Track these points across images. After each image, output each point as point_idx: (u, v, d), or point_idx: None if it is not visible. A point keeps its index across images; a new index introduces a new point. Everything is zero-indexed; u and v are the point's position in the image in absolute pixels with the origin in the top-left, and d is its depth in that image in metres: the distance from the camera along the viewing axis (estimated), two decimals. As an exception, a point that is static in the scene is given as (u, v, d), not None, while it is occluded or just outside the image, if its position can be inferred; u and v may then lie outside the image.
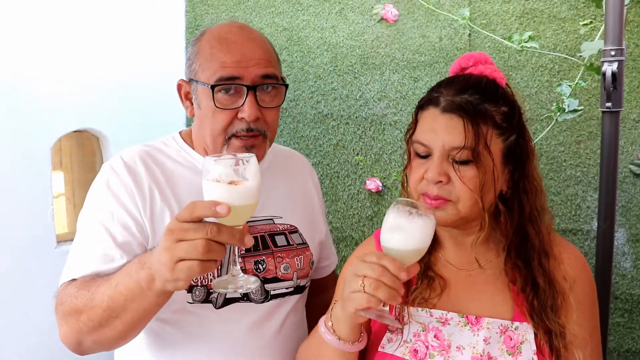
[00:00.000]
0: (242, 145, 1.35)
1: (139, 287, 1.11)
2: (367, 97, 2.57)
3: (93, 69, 2.38)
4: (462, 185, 1.14)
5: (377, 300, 1.02)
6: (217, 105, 1.33)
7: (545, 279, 1.19)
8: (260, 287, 1.41)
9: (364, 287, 1.02)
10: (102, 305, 1.16)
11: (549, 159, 2.43)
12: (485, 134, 1.14)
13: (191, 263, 0.98)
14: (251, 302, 1.40)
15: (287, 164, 1.63)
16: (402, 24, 2.53)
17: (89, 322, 1.19)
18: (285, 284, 1.47)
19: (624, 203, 2.36)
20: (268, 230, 1.47)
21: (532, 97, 2.42)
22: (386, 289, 1.01)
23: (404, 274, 1.02)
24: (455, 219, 1.17)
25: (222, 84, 1.32)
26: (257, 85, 1.34)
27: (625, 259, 2.37)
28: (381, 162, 2.57)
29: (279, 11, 2.62)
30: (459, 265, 1.26)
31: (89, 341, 1.23)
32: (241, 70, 1.32)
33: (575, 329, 1.17)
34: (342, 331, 1.13)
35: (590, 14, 2.36)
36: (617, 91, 1.74)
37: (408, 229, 1.05)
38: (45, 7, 2.21)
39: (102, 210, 1.34)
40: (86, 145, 2.55)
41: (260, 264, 1.42)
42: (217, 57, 1.34)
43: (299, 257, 1.50)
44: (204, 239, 0.97)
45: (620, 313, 2.40)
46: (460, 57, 1.28)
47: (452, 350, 1.15)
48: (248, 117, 1.32)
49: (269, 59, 1.38)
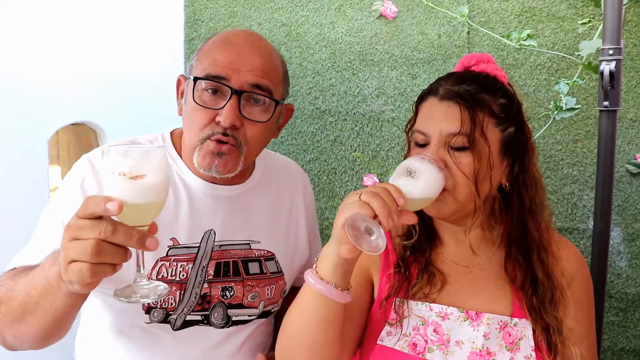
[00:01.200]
0: (213, 149, 1.26)
1: (49, 284, 1.00)
2: (365, 93, 2.57)
3: (91, 62, 2.37)
4: (457, 172, 1.14)
5: (369, 209, 0.97)
6: (196, 102, 1.26)
7: (544, 273, 1.19)
8: (222, 312, 1.35)
9: (360, 197, 0.99)
10: (18, 298, 1.08)
11: (545, 158, 2.43)
12: (482, 121, 1.16)
13: (81, 266, 0.87)
14: (211, 326, 1.35)
15: (278, 178, 1.54)
16: (401, 21, 2.53)
17: (7, 314, 1.10)
18: (250, 311, 1.40)
19: (620, 202, 2.37)
20: (242, 256, 1.39)
21: (530, 95, 2.42)
22: (382, 201, 0.97)
23: (403, 200, 1.00)
24: (453, 209, 1.17)
25: (205, 78, 1.26)
26: (244, 92, 1.25)
27: (620, 258, 2.38)
28: (379, 158, 2.57)
29: (277, 7, 2.62)
30: (459, 261, 1.27)
31: (9, 335, 1.14)
32: (231, 72, 1.25)
33: (572, 325, 1.18)
34: (327, 270, 1.05)
35: (589, 13, 2.37)
36: (614, 90, 1.75)
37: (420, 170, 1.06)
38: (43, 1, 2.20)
39: (65, 210, 1.25)
40: (83, 138, 2.55)
41: (228, 290, 1.36)
42: (213, 54, 1.28)
43: (270, 286, 1.43)
44: (95, 239, 0.86)
45: (615, 312, 2.41)
46: (464, 56, 1.29)
47: (451, 344, 1.16)
48: (224, 120, 1.23)
49: (267, 70, 1.29)
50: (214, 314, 1.34)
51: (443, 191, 1.14)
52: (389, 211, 0.97)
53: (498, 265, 1.25)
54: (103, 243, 0.86)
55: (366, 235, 0.98)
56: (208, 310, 1.34)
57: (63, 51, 2.27)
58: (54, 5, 2.24)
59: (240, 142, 1.28)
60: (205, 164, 1.27)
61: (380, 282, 1.26)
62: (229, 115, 1.23)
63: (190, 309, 1.33)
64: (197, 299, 1.33)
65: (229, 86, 1.24)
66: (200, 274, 1.32)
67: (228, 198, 1.40)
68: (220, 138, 1.25)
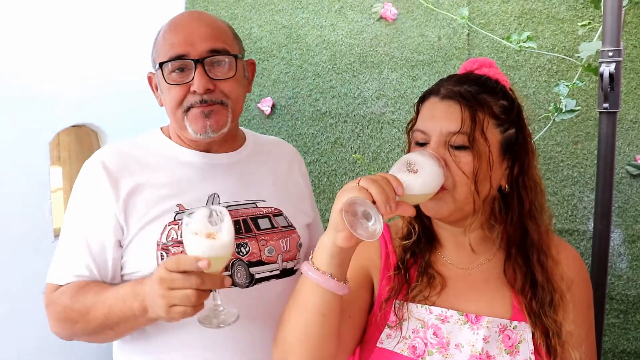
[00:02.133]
0: (200, 111, 1.38)
1: (132, 315, 1.24)
2: (366, 95, 2.57)
3: (92, 64, 2.38)
4: (457, 170, 1.14)
5: (368, 194, 0.97)
6: (168, 82, 1.39)
7: (543, 276, 1.19)
8: (244, 270, 1.42)
9: (359, 182, 0.99)
10: (96, 320, 1.29)
11: (546, 159, 2.43)
12: (482, 121, 1.16)
13: (184, 309, 1.13)
14: (236, 287, 1.40)
15: (270, 150, 1.65)
16: (401, 23, 2.54)
17: (84, 330, 1.32)
18: (270, 266, 1.46)
19: (620, 204, 2.37)
20: (250, 214, 1.47)
21: (530, 97, 2.43)
22: (380, 187, 0.97)
23: (402, 189, 1.00)
24: (451, 208, 1.17)
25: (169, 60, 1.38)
26: (205, 58, 1.38)
27: (621, 259, 2.39)
28: (379, 160, 2.58)
29: (278, 9, 2.63)
30: (459, 264, 1.27)
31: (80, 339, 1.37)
32: (187, 47, 1.38)
33: (571, 328, 1.18)
34: (323, 259, 1.04)
35: (588, 14, 2.37)
36: (614, 92, 1.74)
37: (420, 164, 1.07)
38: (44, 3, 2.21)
39: (82, 216, 1.41)
40: (84, 140, 2.56)
41: (243, 247, 1.43)
42: (167, 39, 1.41)
43: (285, 239, 1.50)
44: (191, 289, 1.12)
45: (615, 314, 2.41)
46: (467, 61, 1.30)
47: (451, 347, 1.16)
48: (197, 88, 1.36)
49: (217, 35, 1.42)
50: (236, 274, 1.41)
51: (442, 190, 1.14)
52: (387, 197, 0.97)
53: (497, 268, 1.25)
54: (197, 291, 1.12)
55: (363, 220, 0.98)
56: (228, 269, 1.41)
57: (64, 54, 2.27)
58: (55, 8, 2.25)
59: (221, 100, 1.41)
60: (199, 127, 1.39)
61: (380, 283, 1.26)
62: (200, 83, 1.36)
63: None
64: None
65: (189, 59, 1.37)
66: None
67: (226, 165, 1.50)
68: (201, 107, 1.38)
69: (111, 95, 2.47)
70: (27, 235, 2.13)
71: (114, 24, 2.50)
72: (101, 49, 2.42)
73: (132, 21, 2.58)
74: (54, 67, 2.23)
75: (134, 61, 2.53)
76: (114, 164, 1.41)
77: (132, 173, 1.41)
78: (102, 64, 2.42)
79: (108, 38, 2.46)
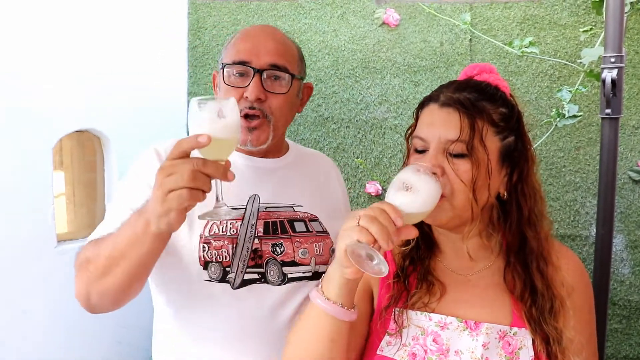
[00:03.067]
0: (245, 127, 1.44)
1: (135, 234, 1.19)
2: (368, 100, 2.58)
3: (95, 70, 2.39)
4: (455, 178, 1.14)
5: (369, 235, 0.98)
6: (226, 83, 1.47)
7: (543, 283, 1.19)
8: (277, 269, 1.47)
9: (359, 221, 1.00)
10: (105, 253, 1.25)
11: (548, 165, 2.43)
12: (481, 129, 1.16)
13: (180, 191, 1.06)
14: (268, 284, 1.45)
15: (310, 161, 1.72)
16: (403, 29, 2.54)
17: (95, 270, 1.27)
18: (303, 268, 1.51)
19: (622, 209, 2.37)
20: (287, 217, 1.53)
21: (532, 102, 2.43)
22: (380, 225, 0.98)
23: (401, 220, 1.01)
24: (450, 216, 1.17)
25: (231, 63, 1.47)
26: (264, 70, 1.45)
27: (623, 265, 2.38)
28: (381, 165, 2.58)
29: (281, 14, 2.64)
30: (458, 270, 1.27)
31: (94, 293, 1.30)
32: (251, 56, 1.46)
33: (572, 335, 1.17)
34: (332, 291, 1.07)
35: (590, 20, 2.37)
36: (616, 98, 1.74)
37: (416, 185, 1.06)
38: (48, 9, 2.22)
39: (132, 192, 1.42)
40: (87, 145, 2.56)
41: (278, 246, 1.48)
42: (236, 45, 1.50)
43: (318, 243, 1.55)
44: (190, 169, 1.05)
45: (618, 319, 2.41)
46: (467, 66, 1.30)
47: (451, 354, 1.16)
48: (250, 94, 1.43)
49: (282, 53, 1.50)
50: (269, 272, 1.46)
51: (441, 198, 1.14)
52: (387, 235, 0.99)
53: (497, 274, 1.25)
54: (196, 171, 1.06)
55: (368, 261, 1.01)
56: (262, 267, 1.47)
57: (67, 59, 2.28)
58: (59, 14, 2.26)
59: (267, 113, 1.47)
60: (241, 140, 1.45)
61: (380, 291, 1.26)
62: (253, 90, 1.44)
63: (244, 264, 1.45)
64: (249, 253, 1.46)
65: (251, 67, 1.45)
66: (249, 230, 1.48)
67: (267, 170, 1.56)
68: (248, 112, 1.44)
69: (114, 101, 2.48)
70: (30, 240, 2.14)
71: (117, 29, 2.51)
72: (104, 54, 2.44)
73: (136, 27, 2.59)
74: (57, 73, 2.24)
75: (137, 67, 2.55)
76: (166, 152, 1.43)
77: None
78: (105, 69, 2.43)
79: (111, 43, 2.47)
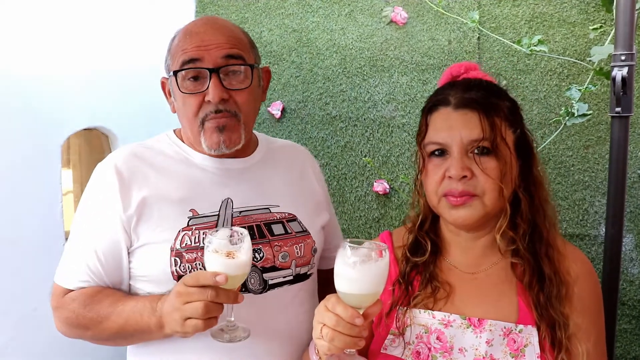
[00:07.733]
0: (215, 127, 1.38)
1: (148, 329, 1.29)
2: (376, 99, 2.57)
3: (103, 68, 2.40)
4: (486, 177, 1.15)
5: (337, 349, 1.05)
6: (182, 91, 1.38)
7: (551, 268, 1.19)
8: (258, 277, 1.43)
9: (323, 337, 1.05)
10: (110, 330, 1.33)
11: (557, 164, 2.42)
12: (500, 126, 1.18)
13: (196, 322, 1.18)
14: (250, 292, 1.40)
15: (282, 154, 1.64)
16: (411, 27, 2.54)
17: (95, 336, 1.37)
18: (283, 272, 1.46)
19: (632, 208, 2.34)
20: (264, 220, 1.47)
21: (541, 101, 2.41)
22: (342, 337, 1.04)
23: (359, 320, 1.05)
24: (481, 214, 1.18)
25: (184, 69, 1.37)
26: (220, 67, 1.36)
27: (633, 265, 2.36)
28: (389, 164, 2.57)
29: (288, 12, 2.64)
30: (465, 268, 1.27)
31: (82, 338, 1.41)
32: (201, 52, 1.36)
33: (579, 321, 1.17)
34: None
35: (600, 18, 2.35)
36: (627, 96, 1.73)
37: (356, 277, 1.06)
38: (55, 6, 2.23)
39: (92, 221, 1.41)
40: (94, 143, 2.58)
41: (257, 252, 1.42)
42: (181, 46, 1.40)
43: (299, 245, 1.50)
44: (204, 301, 1.16)
45: (627, 319, 2.39)
46: (451, 66, 1.31)
47: (455, 352, 1.15)
48: (212, 98, 1.35)
49: (233, 42, 1.40)
50: (250, 280, 1.41)
51: (472, 197, 1.15)
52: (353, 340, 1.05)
53: (504, 270, 1.25)
54: (209, 304, 1.17)
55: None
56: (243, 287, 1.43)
57: (75, 57, 2.30)
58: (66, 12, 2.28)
59: (234, 111, 1.39)
60: (213, 143, 1.39)
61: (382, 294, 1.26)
62: (215, 93, 1.35)
63: None
64: None
65: (204, 68, 1.36)
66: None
67: (238, 170, 1.50)
68: (215, 117, 1.38)
69: (122, 98, 2.49)
70: (38, 237, 2.15)
71: (124, 27, 2.52)
72: (112, 52, 2.45)
73: (143, 25, 2.60)
74: (65, 71, 2.25)
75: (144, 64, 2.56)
76: (127, 168, 1.41)
77: (145, 177, 1.41)
78: (113, 67, 2.44)
79: (119, 41, 2.48)
